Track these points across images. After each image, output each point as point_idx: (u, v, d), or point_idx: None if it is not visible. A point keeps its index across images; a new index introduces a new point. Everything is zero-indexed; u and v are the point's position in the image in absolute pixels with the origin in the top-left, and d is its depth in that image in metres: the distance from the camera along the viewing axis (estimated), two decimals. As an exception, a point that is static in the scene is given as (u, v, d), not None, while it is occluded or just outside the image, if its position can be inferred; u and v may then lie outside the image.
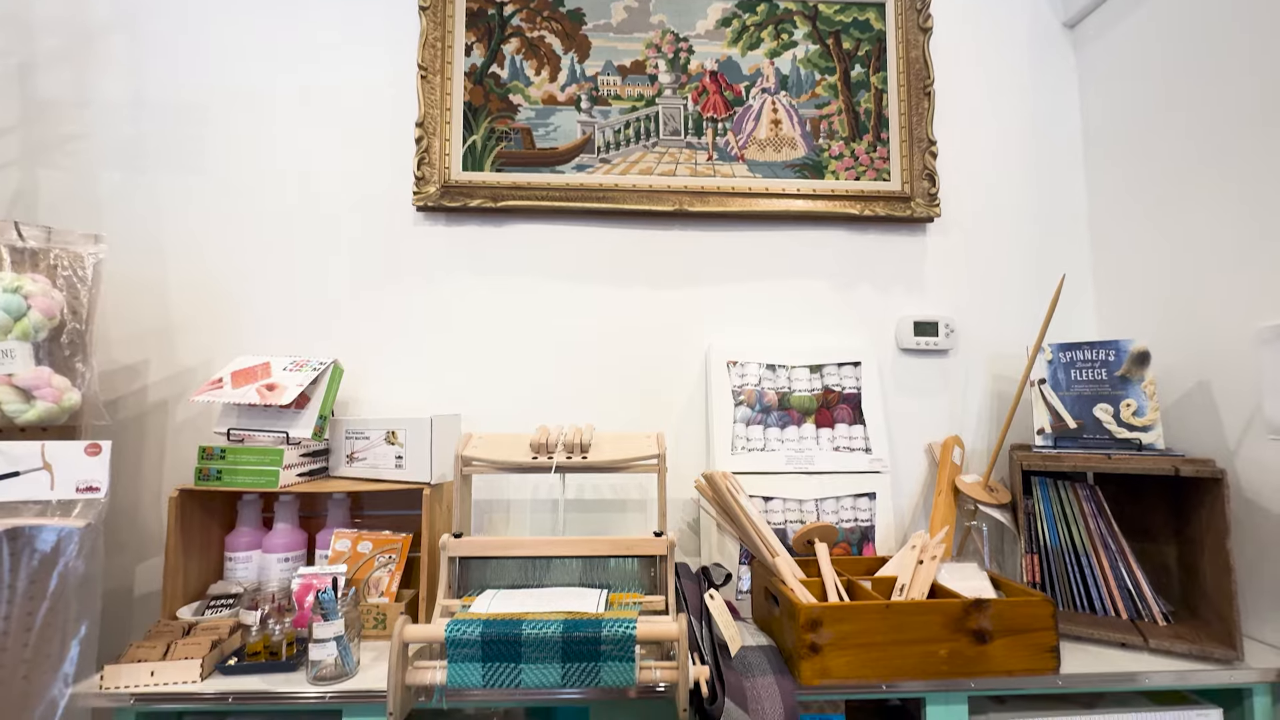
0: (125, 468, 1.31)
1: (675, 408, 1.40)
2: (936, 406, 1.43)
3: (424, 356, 1.39)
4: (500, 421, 1.37)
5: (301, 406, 1.20)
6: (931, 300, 1.46)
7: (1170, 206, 1.29)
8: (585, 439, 1.09)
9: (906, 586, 1.07)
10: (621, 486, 1.37)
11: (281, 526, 1.20)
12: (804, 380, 1.36)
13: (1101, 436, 1.18)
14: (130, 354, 1.34)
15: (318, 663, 0.95)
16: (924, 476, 1.41)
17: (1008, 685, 0.98)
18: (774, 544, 1.10)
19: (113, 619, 1.27)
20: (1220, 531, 1.05)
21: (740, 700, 0.88)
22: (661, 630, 0.86)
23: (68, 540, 0.91)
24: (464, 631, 0.85)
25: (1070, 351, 1.23)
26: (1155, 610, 1.11)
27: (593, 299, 1.42)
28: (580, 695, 0.95)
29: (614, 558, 1.05)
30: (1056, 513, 1.20)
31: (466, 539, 1.04)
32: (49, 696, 0.90)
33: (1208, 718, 1.03)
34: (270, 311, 1.38)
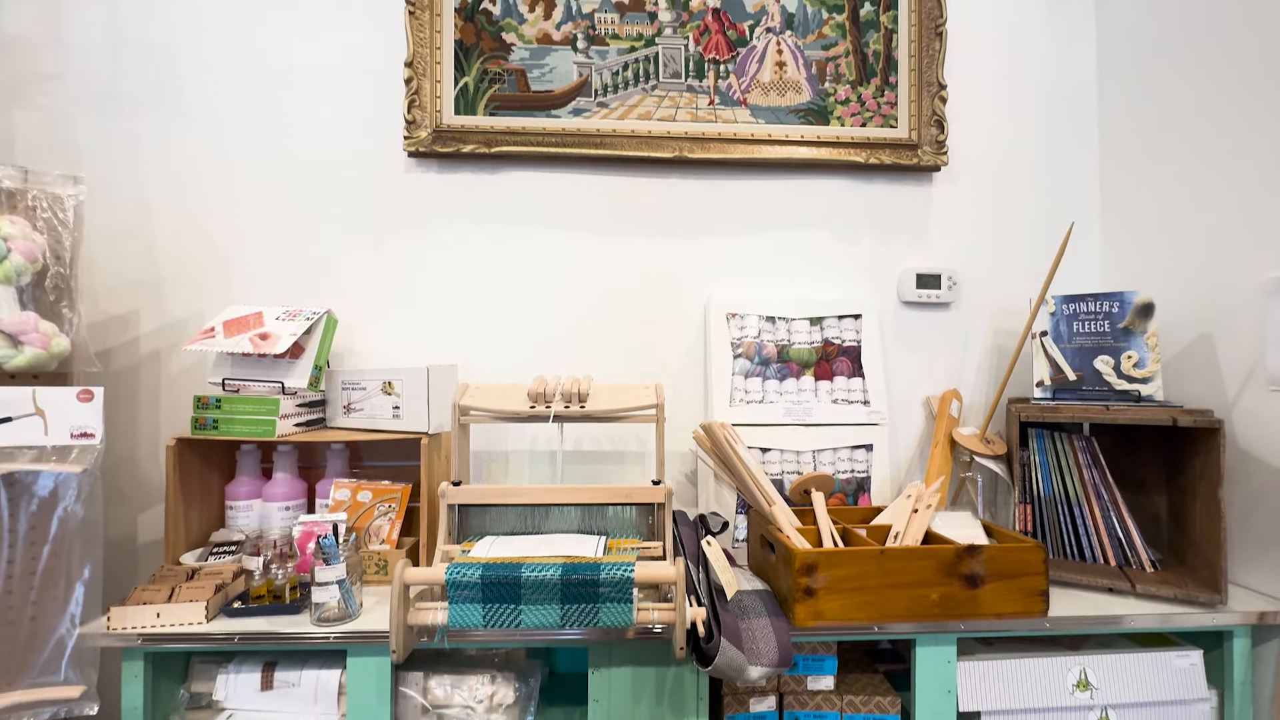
0: (121, 419, 1.31)
1: (674, 360, 1.39)
2: (936, 360, 1.42)
3: (419, 308, 1.37)
4: (497, 374, 1.37)
5: (296, 357, 1.18)
6: (935, 252, 1.43)
7: (1183, 153, 1.25)
8: (583, 389, 1.09)
9: (901, 534, 1.09)
10: (620, 438, 1.37)
11: (281, 476, 1.21)
12: (803, 333, 1.35)
13: (1101, 388, 1.17)
14: (119, 304, 1.31)
15: (321, 605, 0.97)
16: (921, 429, 1.41)
17: (997, 627, 1.00)
18: (771, 493, 1.11)
19: (117, 567, 1.29)
20: (1213, 481, 1.06)
21: (736, 640, 0.90)
22: (659, 573, 0.87)
23: (65, 485, 0.91)
24: (464, 574, 0.86)
25: (1073, 303, 1.22)
26: (1144, 557, 1.13)
27: (590, 250, 1.39)
28: (579, 636, 0.97)
29: (612, 505, 1.06)
30: (1051, 464, 1.21)
31: (465, 487, 1.04)
32: (56, 636, 0.91)
33: (1188, 658, 1.06)
34: (261, 262, 1.35)
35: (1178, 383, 1.24)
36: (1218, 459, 1.05)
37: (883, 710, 1.05)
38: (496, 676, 1.04)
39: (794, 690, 1.06)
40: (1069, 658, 1.05)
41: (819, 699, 1.05)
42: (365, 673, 0.97)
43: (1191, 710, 1.07)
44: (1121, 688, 1.04)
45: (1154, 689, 1.05)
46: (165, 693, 1.02)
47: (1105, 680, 1.04)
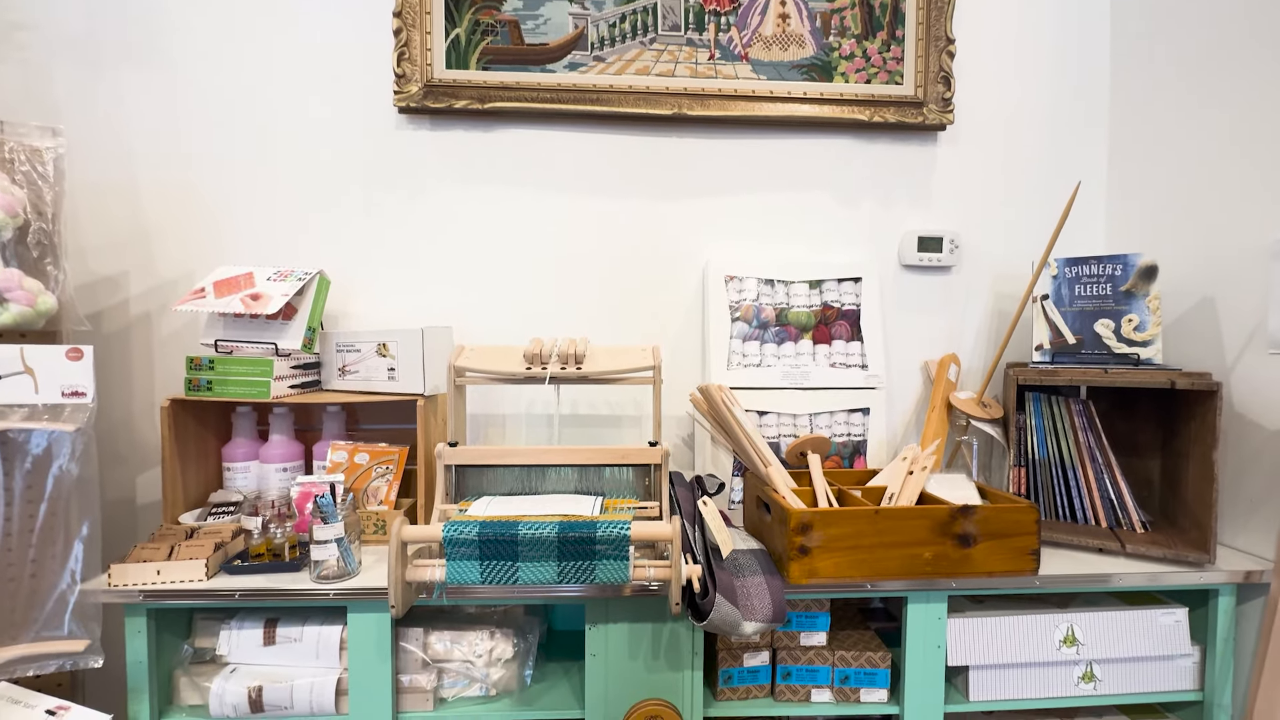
0: (115, 380, 1.30)
1: (671, 324, 1.38)
2: (935, 324, 1.41)
3: (413, 270, 1.35)
4: (493, 336, 1.35)
5: (289, 318, 1.17)
6: (937, 215, 1.41)
7: (1195, 113, 1.22)
8: (580, 350, 1.08)
9: (896, 495, 1.10)
10: (617, 402, 1.37)
11: (277, 438, 1.21)
12: (803, 296, 1.34)
13: (1100, 352, 1.17)
14: (107, 264, 1.29)
15: (320, 563, 0.98)
16: (918, 394, 1.41)
17: (988, 585, 1.02)
18: (767, 454, 1.11)
19: (117, 528, 1.30)
20: (1208, 443, 1.06)
21: (731, 596, 0.91)
22: (655, 531, 0.88)
23: (59, 444, 0.91)
24: (461, 532, 0.86)
25: (1076, 266, 1.20)
26: (1135, 519, 1.15)
27: (587, 210, 1.37)
28: (576, 593, 0.99)
29: (609, 466, 1.06)
30: (1047, 427, 1.21)
31: (461, 448, 1.04)
32: (57, 592, 0.92)
33: (1174, 616, 1.08)
34: (251, 222, 1.32)
35: (1177, 346, 1.24)
36: (1213, 421, 1.05)
37: (873, 665, 1.07)
38: (495, 632, 1.06)
39: (787, 646, 1.08)
40: (1057, 615, 1.07)
41: (811, 654, 1.07)
42: (365, 628, 0.99)
43: (1174, 665, 1.09)
44: (1107, 644, 1.07)
45: (1139, 645, 1.07)
46: (169, 648, 1.03)
47: (1091, 636, 1.07)
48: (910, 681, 1.04)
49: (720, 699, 1.07)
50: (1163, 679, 1.09)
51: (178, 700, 1.03)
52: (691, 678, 1.03)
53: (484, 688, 1.05)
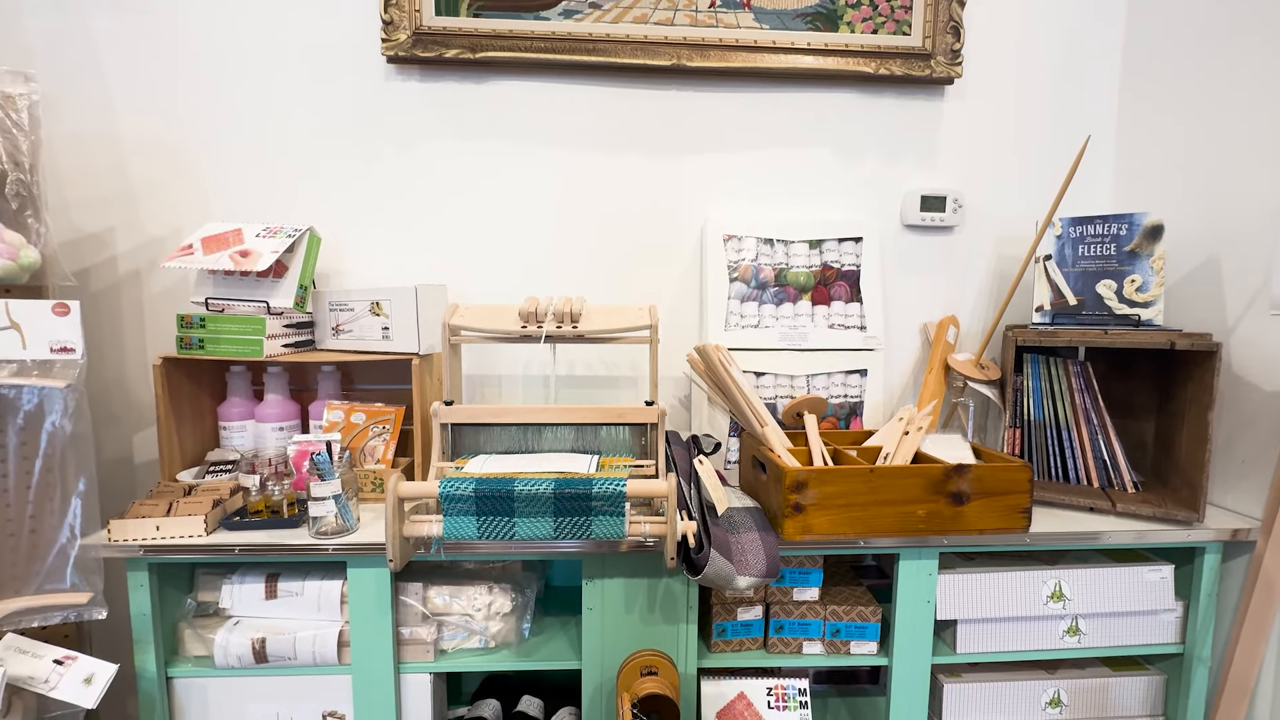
0: (107, 339, 1.28)
1: (669, 284, 1.36)
2: (936, 286, 1.40)
3: (406, 228, 1.33)
4: (487, 296, 1.34)
5: (280, 276, 1.15)
6: (942, 173, 1.38)
7: (1209, 70, 1.18)
8: (575, 309, 1.06)
9: (891, 455, 1.10)
10: (613, 363, 1.36)
11: (273, 398, 1.20)
12: (802, 256, 1.32)
13: (1101, 313, 1.16)
14: (92, 220, 1.26)
15: (319, 519, 0.98)
16: (916, 355, 1.41)
17: (979, 543, 1.03)
18: (764, 414, 1.11)
19: (115, 486, 1.31)
20: (1204, 404, 1.07)
21: (725, 552, 0.92)
22: (651, 488, 0.88)
23: (50, 400, 0.90)
24: (458, 488, 0.87)
25: (1081, 226, 1.18)
26: (1127, 479, 1.16)
27: (582, 167, 1.33)
28: (573, 548, 1.00)
29: (605, 425, 1.06)
30: (1044, 389, 1.21)
31: (457, 406, 1.04)
32: (57, 546, 0.93)
33: (1160, 573, 1.10)
34: (238, 178, 1.29)
35: (1178, 307, 1.23)
36: (1211, 382, 1.05)
37: (864, 619, 1.10)
38: (494, 587, 1.08)
39: (780, 601, 1.10)
40: (1045, 571, 1.08)
41: (804, 608, 1.10)
42: (365, 582, 1.00)
43: (1158, 619, 1.12)
44: (1093, 599, 1.09)
45: (1124, 600, 1.09)
46: (172, 601, 1.05)
47: (1078, 592, 1.09)
48: (900, 635, 1.07)
49: (714, 651, 1.10)
50: (1145, 633, 1.12)
51: (183, 651, 1.05)
52: (686, 631, 1.05)
53: (483, 640, 1.07)
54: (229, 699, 1.04)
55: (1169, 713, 1.15)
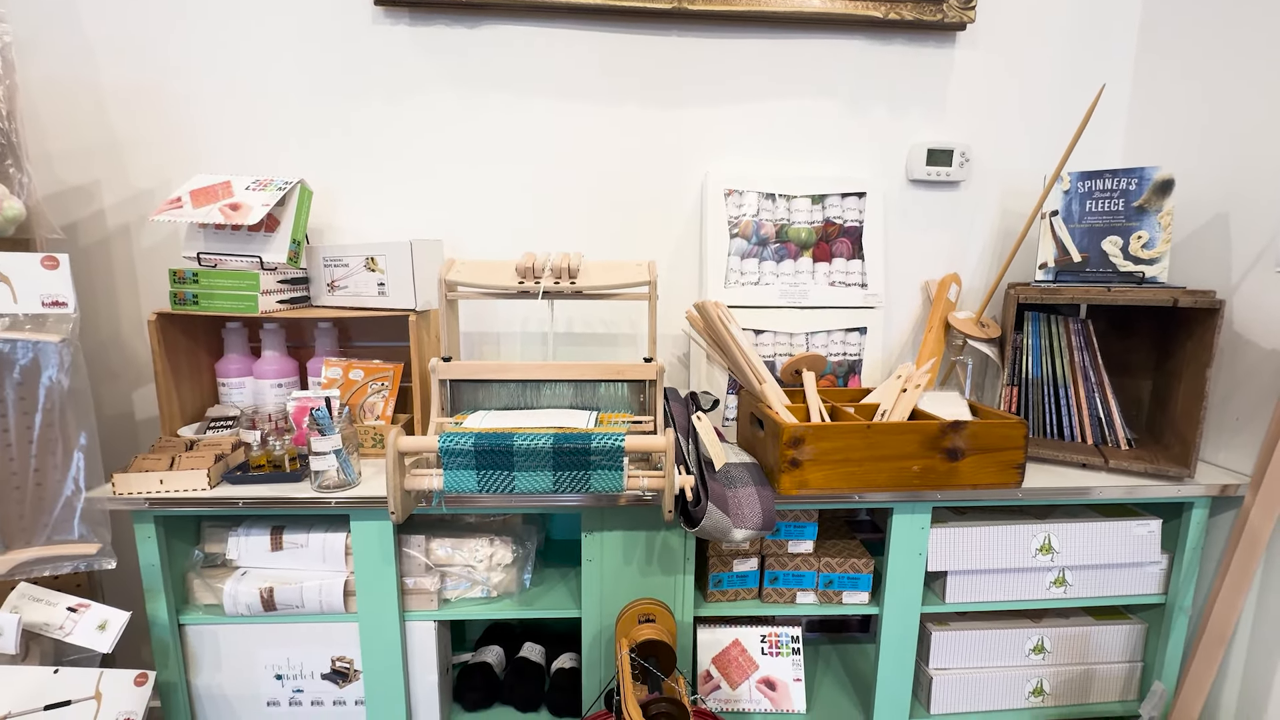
0: (100, 295, 1.27)
1: (668, 240, 1.34)
2: (938, 243, 1.38)
3: (399, 180, 1.29)
4: (483, 252, 1.32)
5: (272, 230, 1.13)
6: (950, 125, 1.34)
7: (1229, 23, 1.13)
8: (573, 264, 1.05)
9: (888, 411, 1.11)
10: (612, 320, 1.36)
11: (270, 354, 1.20)
12: (804, 212, 1.29)
13: (1105, 270, 1.15)
14: (77, 172, 1.23)
15: (320, 473, 0.99)
16: (917, 314, 1.40)
17: (972, 497, 1.05)
18: (762, 371, 1.11)
19: (117, 442, 1.32)
20: (1203, 362, 1.07)
21: (722, 505, 0.94)
22: (649, 443, 0.89)
23: (45, 355, 0.90)
24: (457, 442, 0.87)
25: (1090, 180, 1.16)
26: (1121, 436, 1.17)
27: (581, 119, 1.29)
28: (572, 502, 1.01)
29: (604, 382, 1.06)
30: (1043, 347, 1.21)
31: (456, 363, 1.04)
32: (63, 499, 0.94)
33: (1147, 527, 1.12)
34: (225, 129, 1.25)
35: (1183, 265, 1.21)
36: (1211, 340, 1.04)
37: (857, 570, 1.12)
38: (495, 539, 1.10)
39: (775, 553, 1.13)
40: (1035, 525, 1.11)
41: (798, 560, 1.12)
42: (368, 534, 1.02)
43: (1143, 571, 1.15)
44: (1081, 552, 1.11)
45: (1112, 553, 1.12)
46: (179, 553, 1.07)
47: (1067, 545, 1.11)
48: (891, 585, 1.10)
49: (710, 600, 1.13)
50: (1130, 584, 1.15)
51: (193, 600, 1.08)
52: (683, 581, 1.08)
53: (485, 590, 1.10)
54: (240, 645, 1.07)
55: (1148, 659, 1.20)
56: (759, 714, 1.15)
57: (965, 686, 1.16)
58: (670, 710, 0.87)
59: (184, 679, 1.07)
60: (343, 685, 1.09)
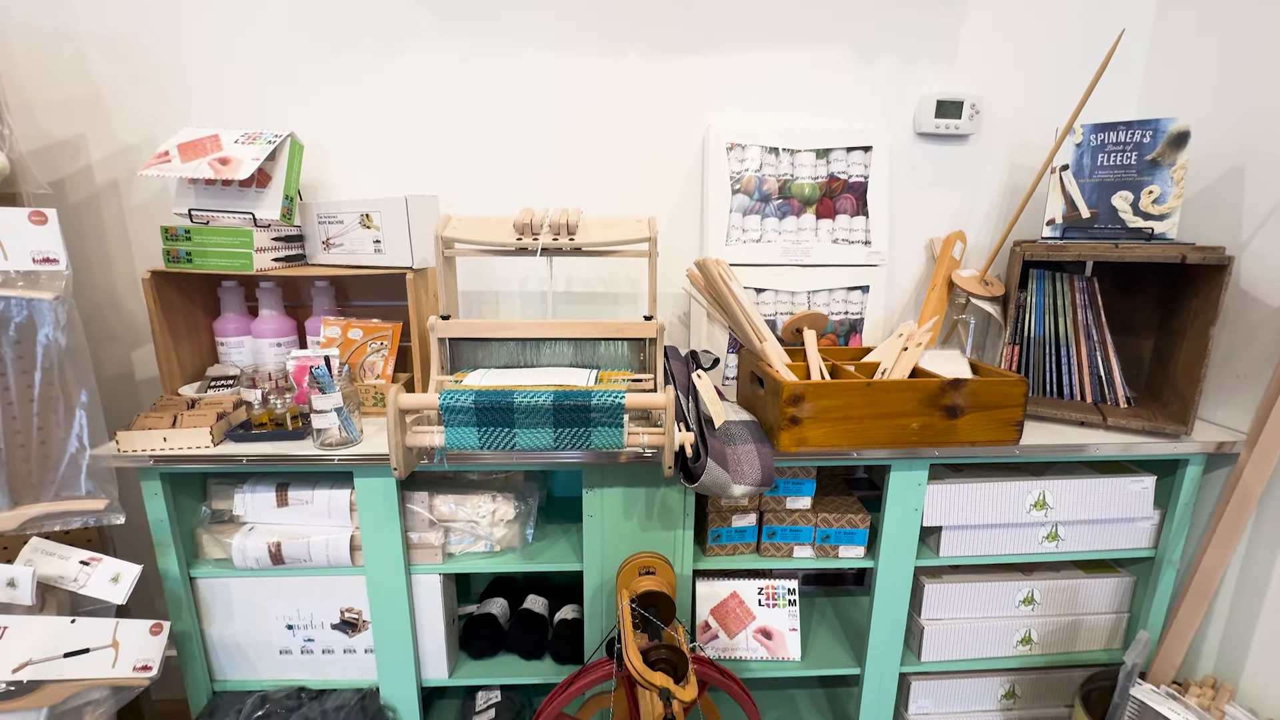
0: (92, 254, 1.25)
1: (669, 197, 1.31)
2: (945, 199, 1.35)
3: (391, 133, 1.26)
4: (479, 209, 1.29)
5: (263, 185, 1.10)
6: (960, 76, 1.29)
7: (1267, -51, 1.08)
8: (572, 220, 1.03)
9: (889, 370, 1.11)
10: (611, 279, 1.34)
11: (268, 313, 1.19)
12: (808, 166, 1.26)
13: (1114, 226, 1.13)
14: (60, 125, 1.19)
15: (322, 431, 1.00)
16: (920, 272, 1.38)
17: (969, 454, 1.06)
18: (763, 330, 1.10)
19: (119, 403, 1.32)
20: (1207, 319, 1.06)
21: (721, 461, 0.95)
22: (649, 400, 0.89)
23: (39, 312, 0.89)
24: (458, 400, 0.87)
25: (1103, 133, 1.12)
26: (1120, 394, 1.17)
27: (580, 69, 1.24)
28: (573, 459, 1.02)
29: (604, 340, 1.06)
30: (1047, 305, 1.20)
31: (455, 321, 1.03)
32: (68, 456, 0.95)
33: (1142, 484, 1.13)
34: (211, 80, 1.21)
35: (1192, 222, 1.19)
36: (1217, 297, 1.03)
37: (853, 525, 1.14)
38: (497, 495, 1.12)
39: (773, 509, 1.14)
40: (1031, 482, 1.12)
41: (796, 516, 1.14)
42: (372, 491, 1.04)
43: (1134, 526, 1.17)
44: (1075, 507, 1.13)
45: (1105, 509, 1.14)
46: (187, 509, 1.09)
47: (1061, 501, 1.13)
48: (886, 540, 1.12)
49: (709, 554, 1.15)
50: (1121, 538, 1.17)
51: (202, 555, 1.10)
52: (682, 536, 1.10)
53: (489, 545, 1.13)
54: (251, 597, 1.10)
55: (1134, 610, 1.23)
56: (756, 661, 1.19)
57: (955, 635, 1.19)
58: (670, 657, 0.90)
59: (198, 629, 1.10)
60: (352, 635, 1.13)
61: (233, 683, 1.14)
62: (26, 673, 0.88)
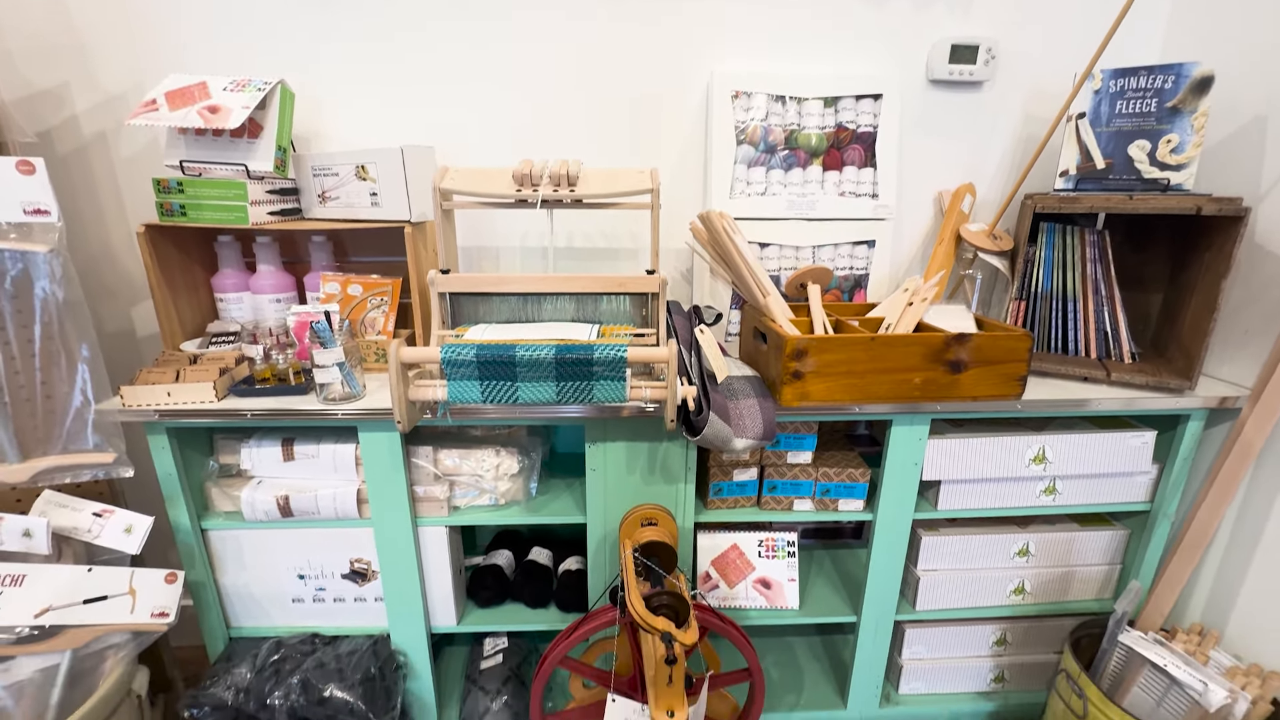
0: (85, 208, 1.23)
1: (672, 149, 1.28)
2: (956, 150, 1.31)
3: (385, 81, 1.22)
4: (476, 162, 1.26)
5: (255, 135, 1.07)
6: (976, 19, 1.24)
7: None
8: (573, 171, 1.00)
9: (893, 325, 1.10)
10: (613, 234, 1.32)
11: (266, 269, 1.18)
12: (815, 115, 1.22)
13: (1128, 177, 1.10)
14: (42, 74, 1.15)
15: (325, 385, 1.00)
16: (928, 226, 1.36)
17: (971, 409, 1.06)
18: (766, 284, 1.09)
19: (121, 359, 1.32)
20: (1219, 272, 1.04)
21: (724, 416, 0.95)
22: (652, 353, 0.89)
23: (34, 265, 0.88)
24: (459, 353, 0.87)
25: (1123, 78, 1.08)
26: (1125, 349, 1.16)
27: (580, 15, 1.19)
28: (576, 414, 1.03)
29: (606, 295, 1.05)
30: (1056, 259, 1.18)
31: (454, 275, 1.02)
32: (73, 410, 0.96)
33: (1142, 438, 1.14)
34: (196, 26, 1.16)
35: (1210, 173, 1.16)
36: (1231, 249, 1.01)
37: (853, 479, 1.16)
38: (501, 450, 1.13)
39: (774, 464, 1.15)
40: (1031, 437, 1.12)
41: (796, 470, 1.15)
42: (377, 445, 1.05)
43: (1131, 481, 1.18)
44: (1074, 462, 1.14)
45: (1104, 463, 1.14)
46: (195, 463, 1.10)
47: (1060, 456, 1.14)
48: (885, 493, 1.13)
49: (710, 508, 1.17)
50: (1118, 492, 1.19)
51: (212, 507, 1.12)
52: (684, 490, 1.11)
53: (493, 498, 1.14)
54: (262, 548, 1.12)
55: (1127, 561, 1.25)
56: (755, 610, 1.22)
57: (950, 585, 1.22)
58: (671, 602, 0.92)
59: (211, 578, 1.13)
60: (362, 584, 1.16)
61: (248, 629, 1.18)
62: (48, 618, 0.91)
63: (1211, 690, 0.96)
